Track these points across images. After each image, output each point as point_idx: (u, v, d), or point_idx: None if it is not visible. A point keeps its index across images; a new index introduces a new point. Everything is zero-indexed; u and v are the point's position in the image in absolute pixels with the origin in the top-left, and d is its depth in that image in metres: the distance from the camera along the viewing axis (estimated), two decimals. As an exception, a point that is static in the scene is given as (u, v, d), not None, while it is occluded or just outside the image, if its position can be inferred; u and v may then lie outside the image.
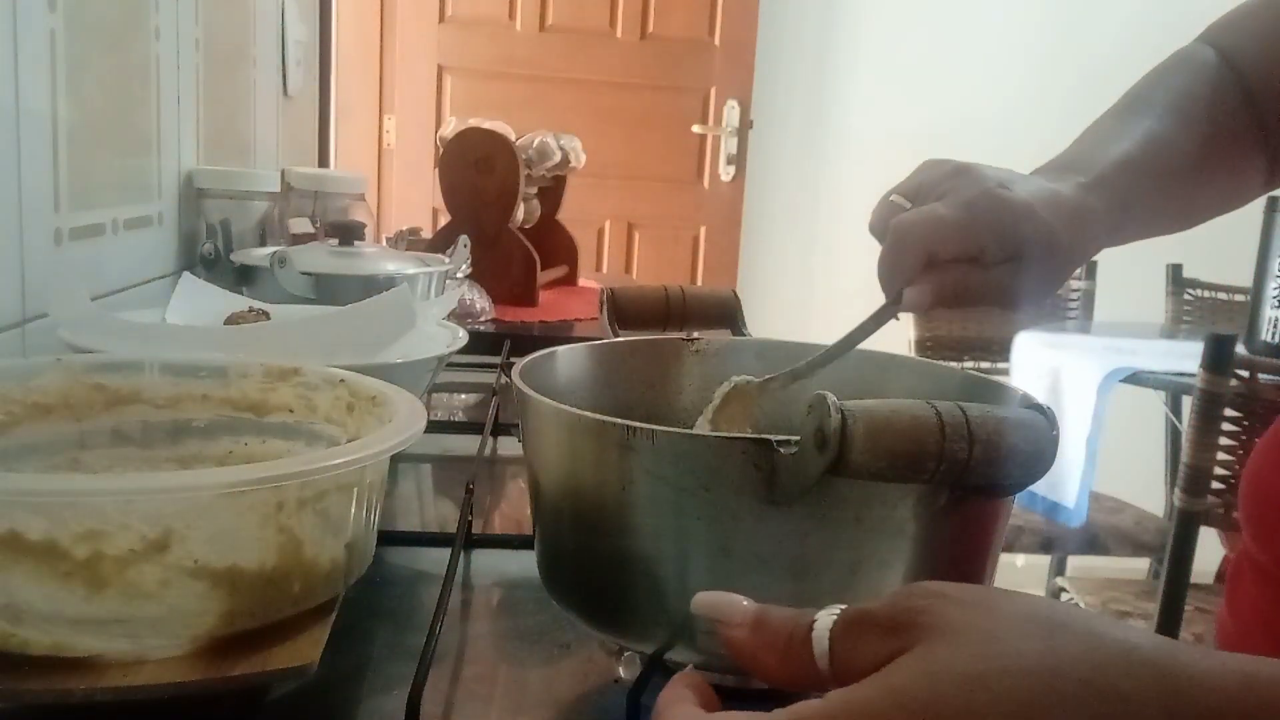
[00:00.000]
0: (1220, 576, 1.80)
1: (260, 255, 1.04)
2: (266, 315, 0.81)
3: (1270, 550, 0.59)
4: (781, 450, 0.38)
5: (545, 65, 3.07)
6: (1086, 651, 0.25)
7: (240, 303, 0.84)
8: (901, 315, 0.54)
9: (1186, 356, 1.46)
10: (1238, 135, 0.64)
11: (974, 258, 0.52)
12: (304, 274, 0.95)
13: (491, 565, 0.61)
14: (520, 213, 1.48)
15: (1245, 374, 1.33)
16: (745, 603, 0.32)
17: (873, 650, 0.28)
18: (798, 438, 0.37)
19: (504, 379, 0.93)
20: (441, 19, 3.05)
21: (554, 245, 1.62)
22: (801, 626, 0.30)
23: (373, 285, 0.96)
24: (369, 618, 0.52)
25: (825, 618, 0.30)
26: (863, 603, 0.29)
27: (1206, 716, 0.24)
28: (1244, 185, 0.66)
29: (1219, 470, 1.37)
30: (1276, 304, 1.56)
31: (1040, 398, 0.45)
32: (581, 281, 1.69)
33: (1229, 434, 1.36)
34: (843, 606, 0.30)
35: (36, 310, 0.76)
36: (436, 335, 0.79)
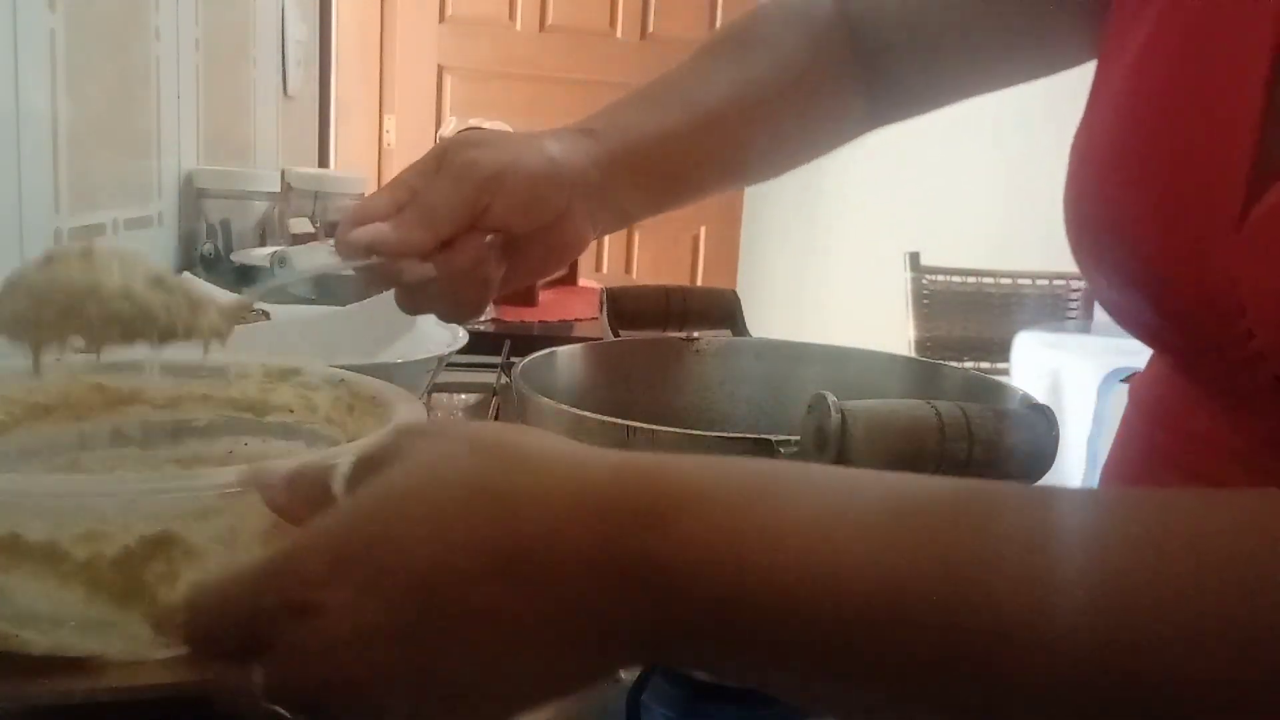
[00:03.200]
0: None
1: (260, 255, 1.04)
2: (266, 315, 0.81)
3: None
4: (781, 450, 0.38)
5: (545, 65, 3.07)
6: (491, 462, 0.30)
7: (240, 303, 0.84)
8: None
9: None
10: (837, 74, 0.61)
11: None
12: (304, 274, 0.95)
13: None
14: (520, 213, 1.48)
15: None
16: (282, 465, 0.36)
17: (364, 484, 0.31)
18: (798, 437, 0.37)
19: (504, 379, 0.93)
20: (441, 19, 3.05)
21: (554, 245, 1.62)
22: (324, 474, 0.34)
23: (373, 285, 0.96)
24: (369, 618, 0.52)
25: (345, 465, 0.33)
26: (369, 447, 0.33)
27: (580, 505, 0.29)
28: (841, 126, 0.63)
29: (1219, 470, 1.36)
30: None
31: (1040, 398, 0.45)
32: (581, 281, 1.69)
33: (1229, 434, 1.36)
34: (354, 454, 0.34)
35: (36, 310, 0.75)
36: (436, 335, 0.79)
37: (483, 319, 1.32)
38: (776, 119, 0.59)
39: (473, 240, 0.49)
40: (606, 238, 3.30)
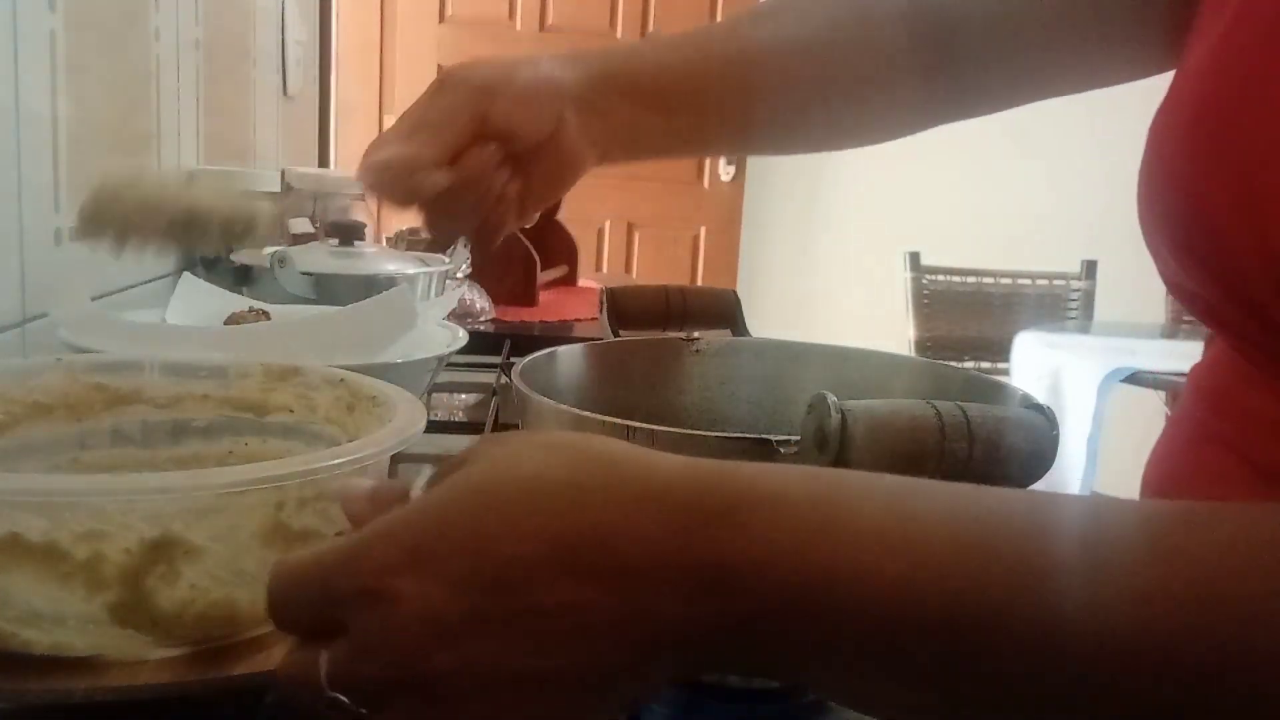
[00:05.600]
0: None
1: (260, 255, 1.04)
2: (266, 315, 0.81)
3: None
4: (781, 450, 0.38)
5: (545, 65, 3.07)
6: (563, 461, 0.31)
7: (240, 303, 0.84)
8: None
9: (1186, 356, 1.46)
10: (888, 53, 0.60)
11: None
12: (304, 274, 0.95)
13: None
14: (520, 213, 1.48)
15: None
16: (365, 482, 0.36)
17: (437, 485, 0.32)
18: (798, 437, 0.37)
19: (504, 379, 0.93)
20: (441, 19, 3.05)
21: (554, 245, 1.62)
22: (405, 487, 0.34)
23: (373, 285, 0.96)
24: (369, 618, 0.52)
25: (423, 477, 0.34)
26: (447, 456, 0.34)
27: (650, 498, 0.29)
28: (886, 115, 0.62)
29: (1219, 470, 1.36)
30: (1276, 304, 1.56)
31: (1040, 398, 0.45)
32: (581, 281, 1.69)
33: (1229, 434, 1.36)
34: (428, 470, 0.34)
35: (36, 310, 0.76)
36: (436, 335, 0.79)
37: (482, 319, 1.32)
38: (794, 79, 0.59)
39: (480, 150, 0.53)
40: (606, 238, 3.30)
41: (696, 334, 0.62)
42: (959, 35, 0.58)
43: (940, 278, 2.50)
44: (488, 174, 0.53)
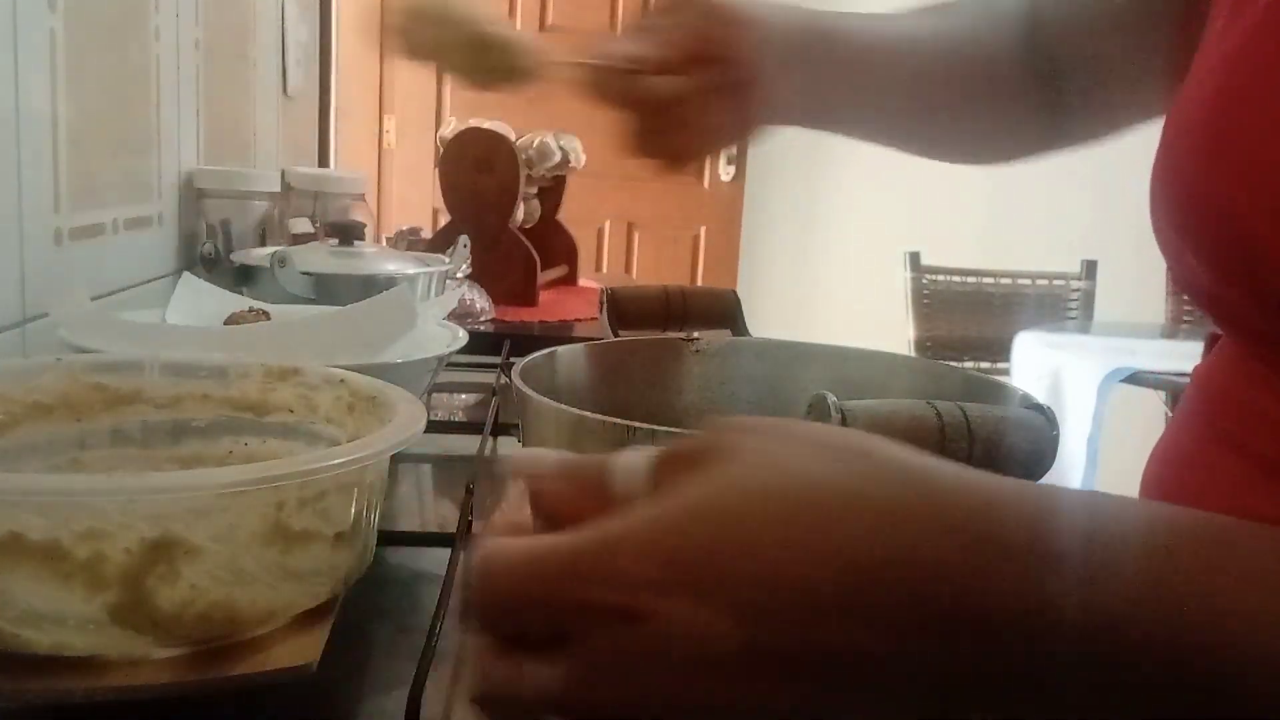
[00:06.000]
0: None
1: (260, 255, 1.04)
2: (266, 315, 0.81)
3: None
4: (781, 450, 0.38)
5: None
6: (856, 468, 0.27)
7: (240, 303, 0.84)
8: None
9: (1186, 356, 1.46)
10: (1011, 76, 0.61)
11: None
12: (304, 274, 0.95)
13: (491, 565, 0.60)
14: (520, 213, 1.48)
15: (1245, 374, 1.33)
16: (551, 454, 0.32)
17: (684, 481, 0.28)
18: (798, 438, 0.37)
19: (504, 379, 0.93)
20: (441, 19, 3.05)
21: (554, 245, 1.62)
22: (599, 466, 0.31)
23: (373, 285, 0.96)
24: (369, 618, 0.52)
25: (635, 456, 0.30)
26: (673, 442, 0.31)
27: (944, 525, 0.26)
28: (1014, 133, 0.63)
29: (1219, 470, 1.36)
30: (1276, 304, 1.56)
31: (1040, 398, 0.45)
32: (581, 281, 1.69)
33: (1229, 434, 1.36)
34: (647, 448, 0.31)
35: (36, 310, 0.76)
36: (436, 335, 0.79)
37: (482, 319, 1.32)
38: (939, 78, 0.60)
39: (704, 68, 0.53)
40: (606, 238, 3.30)
41: (696, 334, 0.62)
42: (1071, 61, 0.60)
43: (940, 278, 2.50)
44: (704, 95, 0.54)
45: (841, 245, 3.23)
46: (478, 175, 1.43)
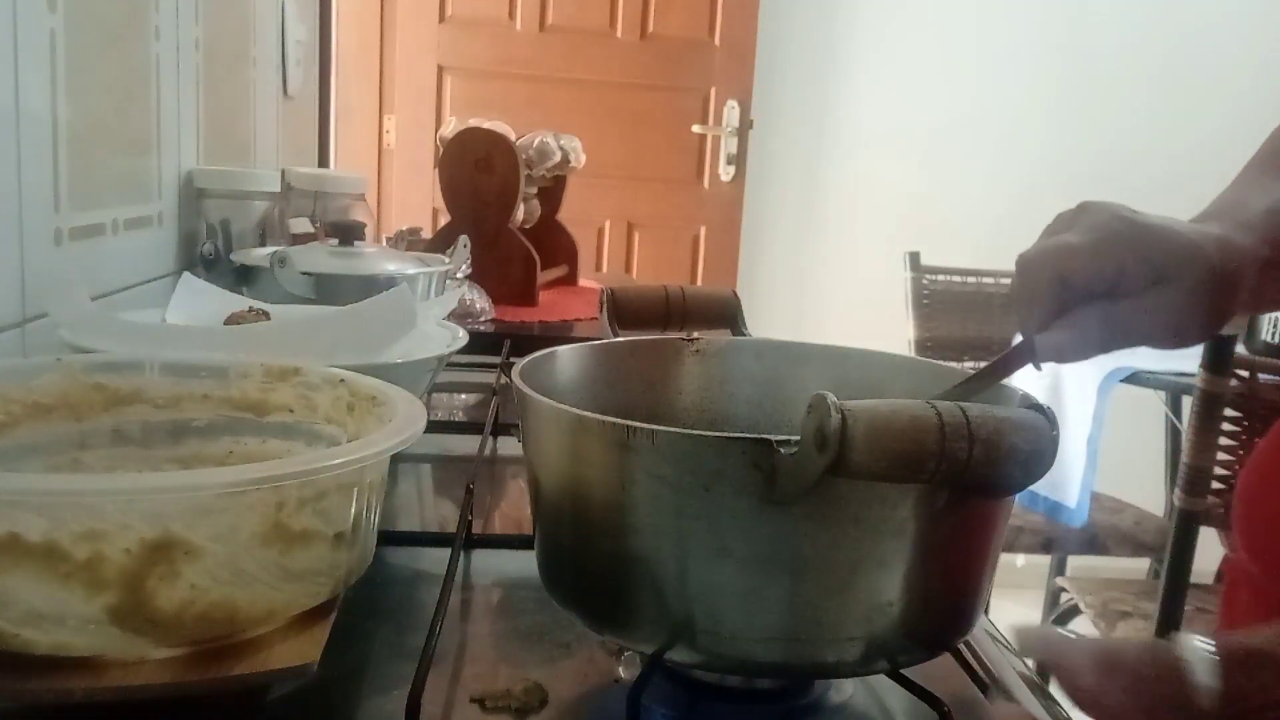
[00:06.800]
0: (1220, 577, 1.80)
1: (260, 255, 1.04)
2: (266, 315, 0.81)
3: (1264, 565, 0.59)
4: (781, 450, 0.38)
5: (545, 65, 3.07)
6: None
7: (240, 303, 0.84)
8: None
9: (1186, 356, 1.46)
10: None
11: (1114, 285, 0.48)
12: (304, 274, 0.95)
13: (491, 565, 0.61)
14: (520, 213, 1.48)
15: (1245, 374, 1.33)
16: (1073, 639, 0.30)
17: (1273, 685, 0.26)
18: (798, 438, 0.37)
19: (504, 379, 0.93)
20: (441, 19, 3.05)
21: (554, 245, 1.62)
22: (1166, 662, 0.28)
23: (373, 285, 0.96)
24: (369, 618, 0.52)
25: (1197, 649, 0.28)
26: (1234, 635, 0.28)
27: None
28: None
29: (1219, 470, 1.37)
30: (1277, 304, 1.56)
31: (1040, 398, 0.45)
32: (581, 281, 1.69)
33: (1229, 434, 1.36)
34: (1200, 638, 0.28)
35: (36, 310, 0.76)
36: (436, 335, 0.79)
37: (482, 319, 1.32)
38: None
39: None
40: (606, 238, 3.30)
41: (696, 334, 0.62)
42: None
43: (940, 278, 2.50)
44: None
45: (841, 246, 3.23)
46: (478, 175, 1.43)
